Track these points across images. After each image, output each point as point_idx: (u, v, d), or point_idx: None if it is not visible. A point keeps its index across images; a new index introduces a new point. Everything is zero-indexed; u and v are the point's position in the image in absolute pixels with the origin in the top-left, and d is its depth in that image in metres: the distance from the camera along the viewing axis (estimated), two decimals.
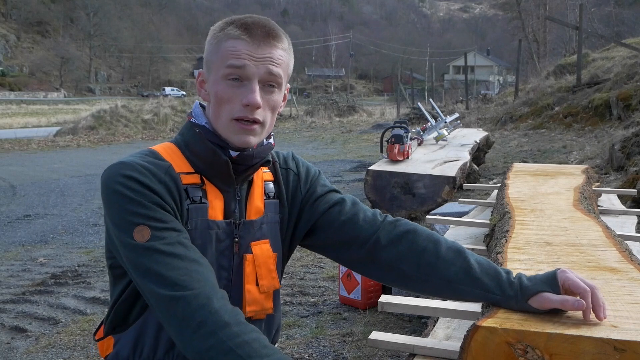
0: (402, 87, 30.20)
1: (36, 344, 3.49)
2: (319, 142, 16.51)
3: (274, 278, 1.25)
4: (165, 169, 1.14)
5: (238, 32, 1.16)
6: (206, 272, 1.09)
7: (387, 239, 1.26)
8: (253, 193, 1.27)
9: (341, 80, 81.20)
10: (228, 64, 1.15)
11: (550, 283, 1.15)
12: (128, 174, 1.10)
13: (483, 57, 65.58)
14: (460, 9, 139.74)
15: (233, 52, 1.15)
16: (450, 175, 5.99)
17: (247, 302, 1.21)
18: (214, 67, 1.18)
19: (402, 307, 1.60)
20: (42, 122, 29.47)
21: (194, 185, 1.18)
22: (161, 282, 1.05)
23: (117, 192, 1.09)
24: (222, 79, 1.16)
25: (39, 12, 71.79)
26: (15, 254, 5.59)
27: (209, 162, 1.19)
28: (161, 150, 1.20)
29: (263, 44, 1.16)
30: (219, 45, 1.17)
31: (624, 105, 10.15)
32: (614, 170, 6.76)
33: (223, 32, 1.18)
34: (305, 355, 3.13)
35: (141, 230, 1.07)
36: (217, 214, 1.19)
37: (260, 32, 1.17)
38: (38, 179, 10.71)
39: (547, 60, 24.94)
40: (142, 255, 1.07)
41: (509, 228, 2.07)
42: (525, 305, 1.15)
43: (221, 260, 1.20)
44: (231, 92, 1.16)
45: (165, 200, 1.11)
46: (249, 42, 1.16)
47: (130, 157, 1.16)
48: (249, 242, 1.23)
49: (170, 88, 63.23)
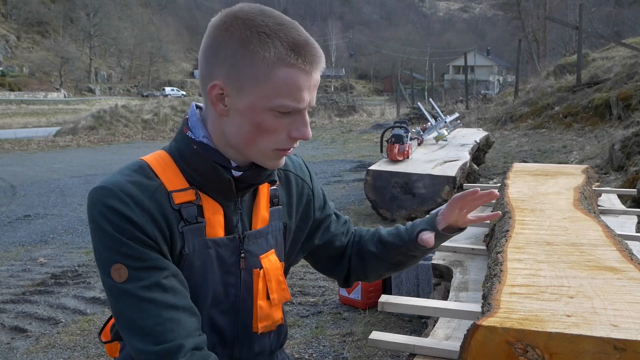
0: (402, 87, 30.19)
1: (36, 344, 3.49)
2: (319, 142, 16.50)
3: (284, 289, 1.21)
4: (152, 192, 1.04)
5: (294, 57, 1.00)
6: (183, 318, 1.02)
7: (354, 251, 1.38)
8: (259, 202, 1.18)
9: (341, 80, 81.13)
10: (285, 98, 1.01)
11: (429, 223, 1.27)
12: (109, 204, 1.01)
13: (483, 57, 65.55)
14: (460, 9, 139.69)
15: (293, 85, 1.01)
16: (450, 175, 5.99)
17: (258, 319, 1.17)
18: (255, 92, 1.02)
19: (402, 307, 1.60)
20: (42, 122, 29.48)
21: (189, 203, 1.08)
22: (135, 330, 1.01)
23: (97, 224, 1.02)
24: (270, 110, 1.02)
25: (39, 12, 71.70)
26: (15, 254, 5.59)
27: (209, 178, 1.09)
28: (153, 162, 1.09)
29: (315, 71, 1.04)
30: (268, 69, 1.00)
31: (624, 105, 10.15)
32: (614, 170, 6.76)
33: (271, 52, 0.99)
34: (305, 355, 3.13)
35: (118, 269, 1.01)
36: (216, 231, 1.11)
37: (317, 59, 1.04)
38: (38, 179, 10.71)
39: (547, 60, 24.92)
40: (118, 298, 1.02)
41: (509, 228, 2.07)
42: (419, 246, 1.26)
43: (227, 278, 1.13)
44: (278, 124, 1.04)
45: (147, 233, 1.02)
46: (307, 72, 1.02)
47: (117, 175, 1.06)
48: (257, 255, 1.16)
49: (170, 88, 63.23)
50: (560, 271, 1.50)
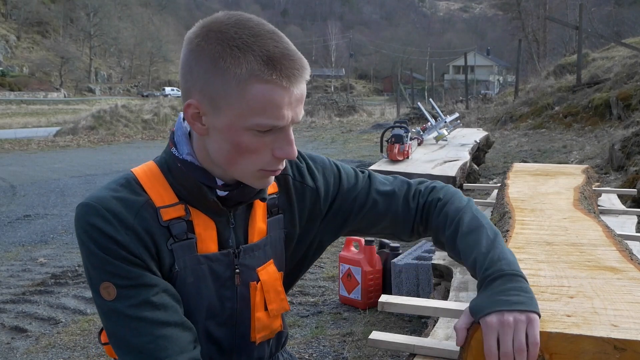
0: (402, 87, 30.19)
1: (36, 344, 3.49)
2: (319, 142, 16.51)
3: (282, 300, 1.18)
4: (137, 209, 1.01)
5: (268, 72, 0.92)
6: (175, 334, 1.01)
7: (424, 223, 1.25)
8: (254, 215, 1.13)
9: (341, 80, 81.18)
10: (261, 117, 0.94)
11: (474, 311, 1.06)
12: (92, 222, 0.99)
13: (483, 57, 65.59)
14: (460, 8, 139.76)
15: (269, 102, 0.94)
16: (450, 175, 5.99)
17: (256, 330, 1.15)
18: (230, 111, 0.95)
19: (402, 307, 1.59)
20: (42, 122, 29.47)
21: (178, 219, 1.04)
22: (127, 349, 1.00)
23: (83, 242, 1.01)
24: (248, 130, 0.96)
25: (39, 12, 71.74)
26: (15, 254, 5.59)
27: (195, 195, 1.05)
28: (142, 176, 1.06)
29: (297, 83, 0.95)
30: (240, 85, 0.93)
31: (624, 105, 10.15)
32: (614, 170, 6.76)
33: (242, 69, 0.92)
34: (306, 355, 3.13)
35: (107, 287, 0.99)
36: (208, 246, 1.07)
37: (297, 72, 0.95)
38: (38, 179, 10.71)
39: (547, 60, 24.94)
40: (108, 316, 1.01)
41: (509, 228, 2.07)
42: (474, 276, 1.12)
43: (222, 292, 1.10)
44: (259, 143, 0.97)
45: (132, 252, 0.99)
46: (285, 88, 0.94)
47: (103, 190, 1.04)
48: (254, 268, 1.13)
49: (170, 88, 63.15)
50: (560, 271, 1.50)
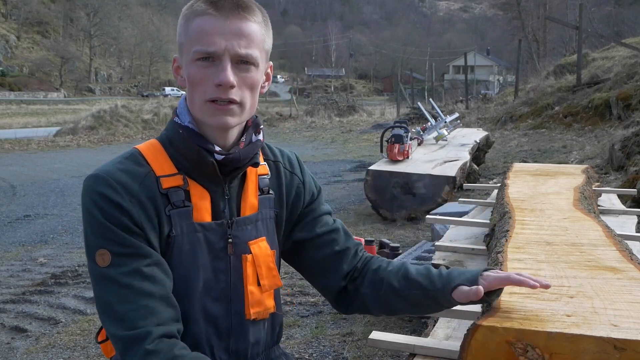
0: (402, 87, 30.17)
1: (36, 344, 3.49)
2: (319, 142, 16.50)
3: (274, 276, 1.23)
4: (141, 178, 1.10)
5: (204, 6, 1.09)
6: (158, 307, 1.05)
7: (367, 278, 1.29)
8: (247, 189, 1.22)
9: (341, 80, 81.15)
10: (196, 44, 1.09)
11: (470, 278, 1.16)
12: (100, 191, 1.08)
13: (483, 57, 65.54)
14: (460, 8, 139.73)
15: (201, 30, 1.08)
16: (450, 175, 5.99)
17: (250, 304, 1.19)
18: (185, 50, 1.12)
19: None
20: (42, 122, 29.43)
21: (176, 187, 1.13)
22: (110, 314, 1.05)
23: (88, 210, 1.09)
24: (193, 61, 1.10)
25: (39, 12, 71.72)
26: (15, 254, 5.59)
27: (194, 162, 1.14)
28: (145, 150, 1.16)
29: (232, 17, 1.09)
30: (188, 24, 1.11)
31: (624, 105, 10.15)
32: (614, 170, 6.76)
33: (190, 10, 1.11)
34: (306, 355, 3.13)
35: (102, 254, 1.07)
36: (203, 216, 1.15)
37: (228, 4, 1.09)
38: (38, 179, 10.70)
39: (547, 60, 24.92)
40: (99, 282, 1.07)
41: (509, 228, 2.07)
42: (450, 298, 1.17)
43: (216, 263, 1.16)
44: (202, 73, 1.09)
45: (134, 219, 1.07)
46: (217, 16, 1.08)
47: (109, 163, 1.13)
48: (246, 241, 1.19)
49: (170, 88, 63.11)
50: (561, 271, 1.51)
